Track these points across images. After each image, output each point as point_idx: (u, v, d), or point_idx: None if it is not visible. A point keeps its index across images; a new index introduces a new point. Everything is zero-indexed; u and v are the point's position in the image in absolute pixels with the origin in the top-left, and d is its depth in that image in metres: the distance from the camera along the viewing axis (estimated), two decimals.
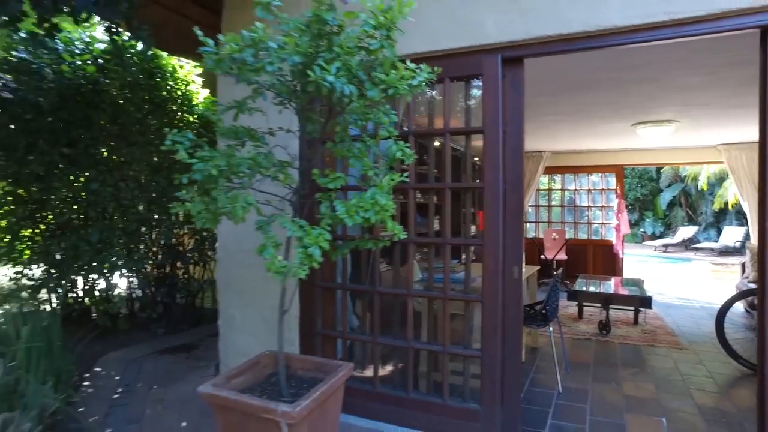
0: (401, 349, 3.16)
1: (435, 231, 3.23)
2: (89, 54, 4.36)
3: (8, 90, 3.22)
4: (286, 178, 1.91)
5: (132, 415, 3.36)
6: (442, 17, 2.83)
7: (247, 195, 1.78)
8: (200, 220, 1.85)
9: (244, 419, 2.01)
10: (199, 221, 1.86)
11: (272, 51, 1.56)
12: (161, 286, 5.07)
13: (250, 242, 3.35)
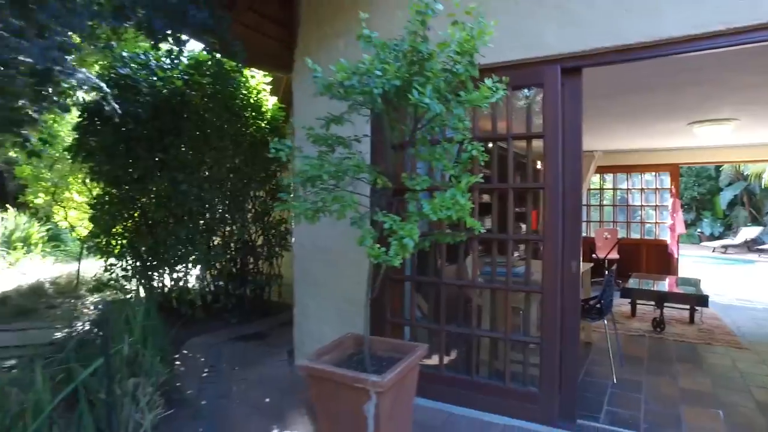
0: (463, 337, 3.44)
1: (488, 229, 3.48)
2: (177, 69, 4.86)
3: (117, 102, 3.69)
4: (382, 181, 2.22)
5: (221, 391, 3.78)
6: (506, 31, 3.06)
7: (352, 195, 2.11)
8: (303, 217, 2.19)
9: (337, 388, 2.34)
10: (302, 219, 2.20)
11: (376, 77, 1.87)
12: (235, 279, 5.54)
13: (324, 239, 3.73)
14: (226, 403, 3.55)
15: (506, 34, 3.08)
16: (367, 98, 1.94)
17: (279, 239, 5.69)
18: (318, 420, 2.55)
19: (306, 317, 3.97)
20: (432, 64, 1.92)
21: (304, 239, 3.91)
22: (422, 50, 1.91)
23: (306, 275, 3.94)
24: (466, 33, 1.95)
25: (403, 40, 2.08)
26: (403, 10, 3.35)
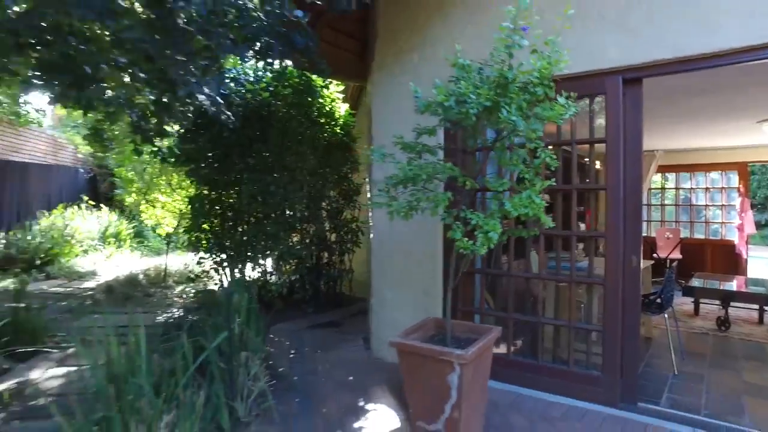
0: (529, 325, 3.76)
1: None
2: (262, 82, 5.43)
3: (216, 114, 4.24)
4: (470, 183, 2.60)
5: (307, 370, 4.26)
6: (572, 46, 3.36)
7: (447, 194, 2.50)
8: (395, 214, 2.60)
9: (424, 361, 2.74)
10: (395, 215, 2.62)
11: (472, 101, 2.25)
12: (311, 272, 6.07)
13: (400, 235, 4.15)
14: (314, 379, 4.03)
15: (572, 48, 3.38)
16: (462, 116, 2.32)
17: (351, 236, 6.17)
18: (406, 390, 2.96)
19: (382, 306, 4.40)
20: (515, 86, 2.29)
21: (382, 235, 4.34)
22: (508, 77, 2.28)
23: (383, 268, 4.37)
24: (545, 62, 2.30)
25: (485, 63, 2.46)
26: (473, 25, 3.74)
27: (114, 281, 8.02)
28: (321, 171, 5.73)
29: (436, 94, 2.41)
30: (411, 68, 4.21)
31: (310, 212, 5.70)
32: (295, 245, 5.60)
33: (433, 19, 4.11)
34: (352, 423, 3.24)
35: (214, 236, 5.96)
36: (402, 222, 3.33)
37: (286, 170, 5.17)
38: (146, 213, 9.86)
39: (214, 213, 5.87)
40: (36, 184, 10.98)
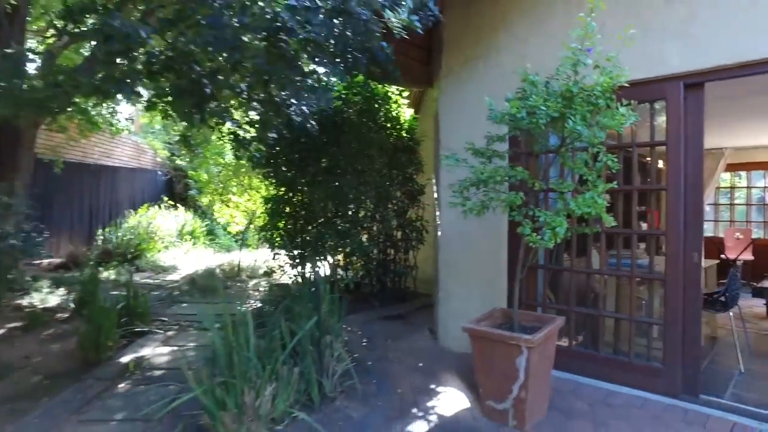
0: (590, 318, 3.97)
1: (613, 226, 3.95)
2: (336, 91, 5.89)
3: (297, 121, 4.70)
4: (539, 185, 2.88)
5: (380, 356, 4.64)
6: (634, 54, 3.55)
7: (519, 195, 2.81)
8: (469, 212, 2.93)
9: (494, 345, 3.06)
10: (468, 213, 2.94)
11: (542, 112, 2.55)
12: (379, 268, 6.47)
13: (466, 233, 4.45)
14: (387, 364, 4.41)
15: (634, 56, 3.57)
16: (532, 125, 2.62)
17: (415, 234, 6.52)
18: (476, 372, 3.27)
19: (449, 299, 4.72)
20: (579, 98, 2.56)
21: (449, 233, 4.66)
22: (573, 90, 2.55)
23: (449, 263, 4.70)
24: (608, 77, 2.56)
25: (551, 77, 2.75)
26: (537, 35, 4.00)
27: (195, 275, 8.78)
28: (388, 173, 6.11)
29: (509, 107, 2.71)
30: (477, 76, 4.51)
31: (378, 211, 6.10)
32: (364, 242, 6.01)
33: (498, 29, 4.39)
34: (425, 402, 3.59)
35: (287, 234, 6.48)
36: (468, 220, 3.66)
37: (357, 172, 5.58)
38: (220, 212, 10.66)
39: (289, 212, 6.40)
40: (123, 186, 12.06)
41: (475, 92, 4.47)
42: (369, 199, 5.74)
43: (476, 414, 3.36)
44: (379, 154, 5.87)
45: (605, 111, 2.64)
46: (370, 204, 5.94)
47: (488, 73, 4.45)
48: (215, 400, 2.84)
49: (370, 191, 5.70)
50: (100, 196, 11.04)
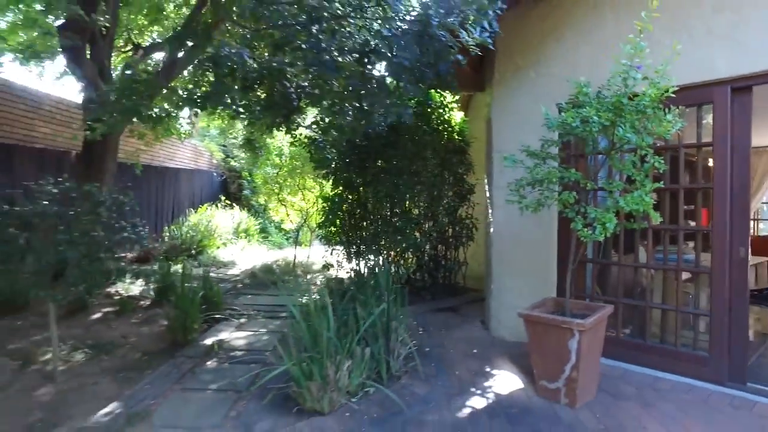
0: (638, 309, 4.21)
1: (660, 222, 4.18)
2: None
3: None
4: (591, 185, 3.18)
5: (436, 343, 4.99)
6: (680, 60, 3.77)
7: (572, 194, 3.13)
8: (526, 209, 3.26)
9: (547, 329, 3.37)
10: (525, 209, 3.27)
11: (594, 121, 2.85)
12: (430, 263, 6.83)
13: (517, 230, 4.75)
14: (443, 351, 4.77)
15: (682, 62, 3.78)
16: (585, 132, 2.93)
17: (465, 232, 6.85)
18: (531, 354, 3.60)
19: (501, 291, 5.03)
20: (629, 108, 2.85)
21: (501, 230, 4.98)
22: (623, 101, 2.84)
23: (501, 258, 5.01)
24: (655, 89, 2.84)
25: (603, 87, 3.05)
26: (586, 45, 4.27)
27: (254, 269, 9.38)
28: (440, 173, 6.47)
29: (564, 116, 3.03)
30: (528, 83, 4.80)
31: (430, 210, 6.47)
32: (418, 239, 6.38)
33: (548, 39, 4.67)
34: (482, 383, 3.94)
35: (344, 231, 6.94)
36: (519, 218, 3.99)
37: (412, 173, 5.96)
38: (275, 211, 11.27)
39: (346, 210, 6.85)
40: (184, 186, 12.87)
41: (526, 98, 4.77)
42: (423, 198, 6.11)
43: (530, 393, 3.68)
44: (432, 156, 6.23)
45: (653, 118, 2.91)
46: (423, 203, 6.31)
47: (539, 80, 4.73)
48: (302, 372, 3.28)
49: (423, 191, 6.06)
50: (165, 196, 11.86)
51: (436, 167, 6.38)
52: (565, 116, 3.04)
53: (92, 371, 4.18)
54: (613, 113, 2.86)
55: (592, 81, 3.37)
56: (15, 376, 3.93)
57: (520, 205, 3.37)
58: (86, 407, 3.48)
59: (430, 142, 6.13)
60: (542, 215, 3.91)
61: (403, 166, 5.93)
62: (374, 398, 3.57)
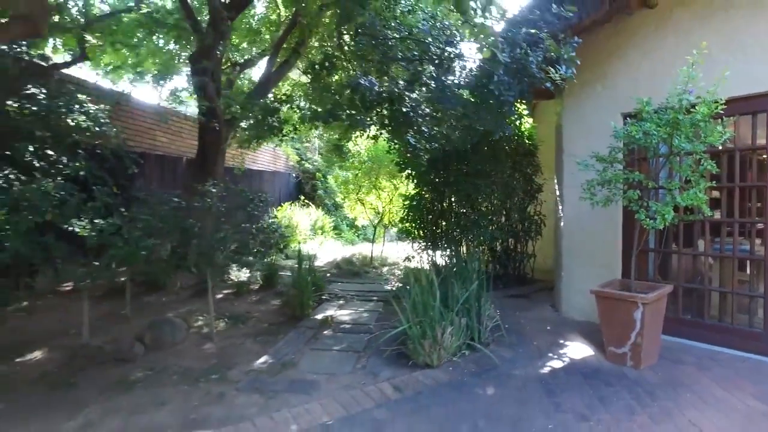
0: (696, 292, 4.82)
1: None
2: None
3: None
4: (652, 184, 3.90)
5: (513, 322, 5.73)
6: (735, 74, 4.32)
7: (637, 192, 3.85)
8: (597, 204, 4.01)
9: (616, 303, 4.09)
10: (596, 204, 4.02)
11: (654, 134, 3.56)
12: (502, 255, 7.60)
13: (585, 223, 5.44)
14: (521, 327, 5.53)
15: (735, 76, 4.35)
16: (647, 143, 3.64)
17: (533, 227, 7.55)
18: (602, 325, 4.32)
19: (570, 278, 5.74)
20: (684, 122, 3.54)
21: (571, 224, 5.68)
22: (679, 118, 3.54)
23: (571, 248, 5.72)
24: (707, 107, 3.52)
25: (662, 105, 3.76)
26: (648, 61, 4.92)
27: (336, 262, 10.44)
28: (512, 174, 7.22)
29: (629, 129, 3.76)
30: (594, 95, 5.49)
31: (503, 207, 7.23)
32: (492, 233, 7.15)
33: (613, 57, 5.34)
34: (557, 350, 4.69)
35: (423, 226, 7.81)
36: (587, 214, 4.71)
37: (488, 174, 6.75)
38: (352, 209, 12.31)
39: (426, 207, 7.72)
40: (266, 187, 14.18)
41: (592, 108, 5.46)
42: (497, 196, 6.89)
43: (600, 358, 4.40)
44: (505, 158, 6.99)
45: (705, 129, 3.58)
46: (497, 201, 7.09)
47: (604, 92, 5.41)
48: (417, 333, 4.18)
49: (498, 190, 6.84)
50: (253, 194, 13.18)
51: (508, 169, 7.13)
52: (630, 129, 3.76)
53: (236, 335, 5.27)
54: (670, 127, 3.55)
55: (651, 93, 4.07)
56: (187, 334, 5.06)
57: (592, 202, 4.11)
58: (245, 358, 4.53)
59: (504, 147, 6.89)
60: (607, 211, 4.63)
61: (481, 168, 6.72)
62: (470, 358, 4.42)
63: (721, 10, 4.57)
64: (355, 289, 7.82)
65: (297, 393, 3.72)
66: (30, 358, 4.42)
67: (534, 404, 3.53)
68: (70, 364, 4.23)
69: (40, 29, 3.62)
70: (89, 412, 3.38)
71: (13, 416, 3.34)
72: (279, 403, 3.55)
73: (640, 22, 5.09)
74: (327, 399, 3.60)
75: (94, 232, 4.03)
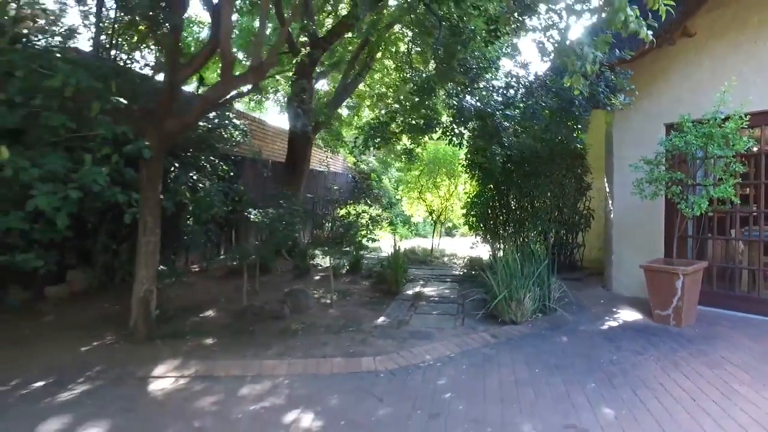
0: (728, 270, 5.92)
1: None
2: None
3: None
4: (691, 182, 5.05)
5: (572, 297, 6.91)
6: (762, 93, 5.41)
7: (678, 188, 5.01)
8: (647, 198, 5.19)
9: (661, 274, 5.25)
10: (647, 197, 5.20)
11: (693, 143, 4.72)
12: (556, 244, 8.76)
13: (633, 215, 6.59)
14: (578, 300, 6.70)
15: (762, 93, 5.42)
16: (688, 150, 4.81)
17: (582, 220, 8.69)
18: (649, 293, 5.48)
19: (620, 260, 6.88)
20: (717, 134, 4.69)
21: (620, 216, 6.83)
22: (713, 131, 4.69)
23: (620, 236, 6.86)
24: (734, 123, 4.66)
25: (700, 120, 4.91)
26: (688, 81, 6.03)
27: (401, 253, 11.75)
28: (566, 174, 8.37)
29: (674, 139, 4.92)
30: (641, 109, 6.61)
31: (557, 203, 8.40)
32: (548, 226, 8.33)
33: (657, 78, 6.46)
34: (612, 315, 5.87)
35: (485, 220, 9.05)
36: (633, 207, 5.87)
37: (546, 175, 7.94)
38: (409, 206, 13.63)
39: (488, 204, 8.95)
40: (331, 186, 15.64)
41: (639, 120, 6.59)
42: (552, 194, 8.07)
43: (647, 320, 5.56)
44: (560, 161, 8.16)
45: (733, 139, 4.72)
46: (552, 197, 8.27)
47: (650, 107, 6.53)
48: (506, 296, 5.43)
49: (553, 188, 8.02)
50: (318, 194, 14.65)
51: (563, 170, 8.29)
52: (674, 139, 4.93)
53: (348, 304, 6.62)
54: (706, 138, 4.71)
55: (690, 109, 5.25)
56: (314, 302, 6.46)
57: (641, 196, 5.28)
58: (366, 319, 5.86)
59: (560, 151, 8.06)
60: (651, 204, 5.78)
61: (540, 169, 7.92)
62: (543, 319, 5.66)
63: (750, 42, 5.65)
64: (428, 273, 9.13)
65: (419, 339, 5.03)
66: (208, 315, 5.88)
67: (599, 346, 4.75)
68: (241, 319, 5.66)
69: (264, 77, 5.02)
70: (276, 347, 4.77)
71: (224, 349, 4.74)
72: (409, 345, 4.85)
73: (680, 49, 6.21)
74: (444, 342, 4.90)
75: (266, 219, 5.45)
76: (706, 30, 6.00)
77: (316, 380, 3.98)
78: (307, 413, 3.37)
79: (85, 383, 3.84)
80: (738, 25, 5.75)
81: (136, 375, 4.04)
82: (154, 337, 4.87)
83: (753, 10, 5.63)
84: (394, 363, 4.33)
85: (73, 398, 3.58)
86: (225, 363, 4.30)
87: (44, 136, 3.65)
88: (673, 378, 3.94)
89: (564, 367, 4.21)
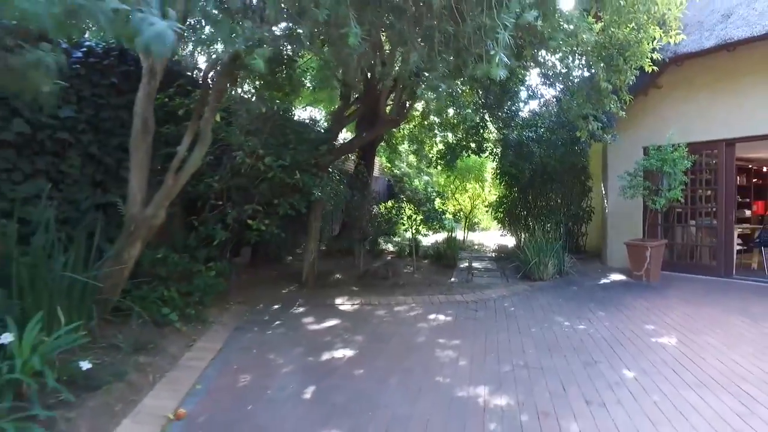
0: (684, 246, 8.86)
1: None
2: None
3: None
4: (655, 188, 7.95)
5: (579, 269, 9.80)
6: (700, 131, 8.31)
7: (648, 191, 7.91)
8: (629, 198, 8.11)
9: (637, 248, 8.17)
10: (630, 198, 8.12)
11: (656, 164, 7.59)
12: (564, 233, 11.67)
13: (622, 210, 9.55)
14: (582, 270, 9.60)
15: (700, 130, 8.32)
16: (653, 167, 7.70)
17: (586, 215, 11.61)
18: (629, 261, 8.39)
19: (612, 241, 9.79)
20: (671, 158, 7.57)
21: (612, 210, 9.75)
22: (667, 156, 7.57)
23: (612, 225, 9.78)
24: (679, 152, 7.57)
25: (661, 146, 7.82)
26: (657, 117, 8.99)
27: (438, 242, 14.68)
28: (573, 181, 11.29)
29: (644, 162, 7.82)
30: (629, 135, 9.49)
31: (566, 201, 11.33)
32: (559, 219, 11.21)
33: (638, 114, 9.35)
34: (605, 276, 8.80)
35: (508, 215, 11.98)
36: (622, 205, 8.79)
37: (558, 181, 10.87)
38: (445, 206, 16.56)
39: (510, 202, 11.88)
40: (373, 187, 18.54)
41: (627, 143, 9.48)
42: (563, 195, 11.01)
43: (628, 280, 8.46)
44: (569, 170, 11.08)
45: (679, 161, 7.61)
46: (563, 197, 11.20)
47: (633, 135, 9.43)
48: (538, 262, 8.35)
49: (565, 192, 10.96)
50: None
51: (571, 177, 11.22)
52: (643, 161, 7.84)
53: (425, 272, 9.53)
54: (663, 160, 7.61)
55: (658, 138, 8.15)
56: (403, 269, 9.38)
57: (625, 197, 8.19)
58: (442, 279, 8.76)
59: (570, 161, 10.97)
60: (634, 203, 8.69)
61: (554, 176, 10.84)
62: (559, 279, 8.60)
63: (694, 94, 8.56)
64: (469, 255, 12.03)
65: (483, 288, 7.94)
66: (339, 277, 8.80)
67: (596, 291, 7.66)
68: (362, 278, 8.57)
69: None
70: (397, 291, 7.67)
71: (366, 292, 7.63)
72: (478, 291, 7.76)
73: (651, 96, 9.13)
74: (499, 289, 7.82)
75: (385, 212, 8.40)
76: (669, 84, 8.91)
77: (433, 305, 6.89)
78: (439, 315, 6.29)
79: (305, 306, 6.76)
80: (687, 83, 8.67)
81: (326, 303, 6.96)
82: (317, 287, 7.79)
83: (697, 72, 8.54)
84: (475, 297, 7.26)
85: (302, 311, 6.50)
86: (375, 297, 7.22)
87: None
88: (638, 302, 6.86)
89: (575, 299, 7.13)
